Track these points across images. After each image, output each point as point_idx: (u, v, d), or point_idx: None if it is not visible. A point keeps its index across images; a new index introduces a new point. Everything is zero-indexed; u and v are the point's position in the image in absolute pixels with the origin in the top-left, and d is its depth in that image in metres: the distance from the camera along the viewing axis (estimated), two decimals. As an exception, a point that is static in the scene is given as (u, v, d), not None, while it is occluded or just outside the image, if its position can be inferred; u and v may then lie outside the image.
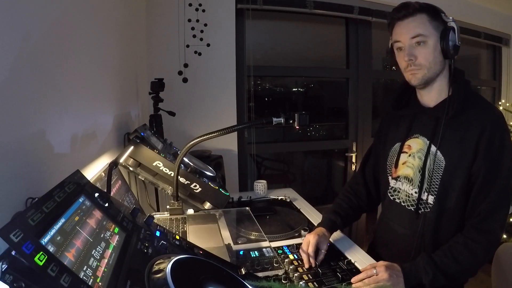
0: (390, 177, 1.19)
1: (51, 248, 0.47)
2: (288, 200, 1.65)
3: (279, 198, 1.68)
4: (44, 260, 0.44)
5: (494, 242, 0.99)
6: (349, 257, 1.08)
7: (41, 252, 0.45)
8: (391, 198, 1.18)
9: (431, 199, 1.05)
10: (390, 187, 1.19)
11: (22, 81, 0.66)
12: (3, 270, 0.40)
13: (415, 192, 1.09)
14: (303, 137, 2.97)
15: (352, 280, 0.93)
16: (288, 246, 1.14)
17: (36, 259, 0.43)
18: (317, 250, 1.05)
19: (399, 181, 1.15)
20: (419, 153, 1.09)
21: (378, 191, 1.30)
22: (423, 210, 1.07)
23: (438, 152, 1.04)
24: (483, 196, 0.98)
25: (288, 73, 2.78)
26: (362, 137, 2.78)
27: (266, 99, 2.87)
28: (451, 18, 1.01)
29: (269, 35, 2.67)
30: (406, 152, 1.13)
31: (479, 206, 0.98)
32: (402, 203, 1.13)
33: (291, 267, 0.98)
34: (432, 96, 1.09)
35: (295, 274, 0.94)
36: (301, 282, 0.92)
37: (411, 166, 1.11)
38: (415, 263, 0.97)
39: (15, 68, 0.63)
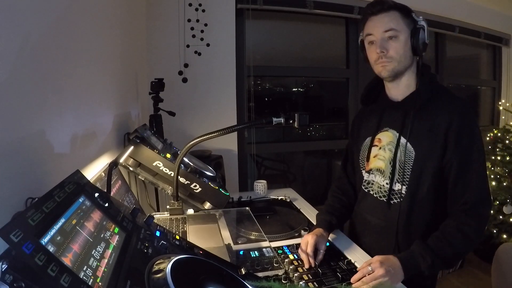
0: (363, 171, 1.22)
1: (51, 248, 0.47)
2: (288, 200, 1.65)
3: (279, 198, 1.68)
4: (44, 260, 0.44)
5: (484, 223, 1.03)
6: (349, 257, 1.07)
7: (41, 252, 0.45)
8: (365, 190, 1.20)
9: (403, 189, 1.08)
10: (364, 180, 1.21)
11: (22, 81, 0.66)
12: (3, 270, 0.40)
13: (387, 183, 1.12)
14: (303, 137, 2.97)
15: (351, 280, 0.93)
16: (288, 246, 1.14)
17: (36, 259, 0.43)
18: (316, 251, 1.05)
19: (372, 173, 1.18)
20: (389, 146, 1.12)
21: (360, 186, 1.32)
22: (394, 201, 1.10)
23: (408, 144, 1.07)
24: (462, 186, 1.01)
25: (288, 73, 2.79)
26: (362, 137, 2.78)
27: (266, 99, 2.87)
28: (421, 17, 1.07)
29: (269, 35, 2.67)
30: (377, 146, 1.17)
31: (463, 195, 1.01)
32: (375, 195, 1.16)
33: (291, 267, 0.98)
34: (400, 90, 1.13)
35: (295, 274, 0.94)
36: (301, 282, 0.92)
37: (382, 158, 1.14)
38: (410, 252, 0.98)
39: (15, 68, 0.63)
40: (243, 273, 0.79)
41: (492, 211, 2.65)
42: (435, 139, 1.04)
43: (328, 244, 1.14)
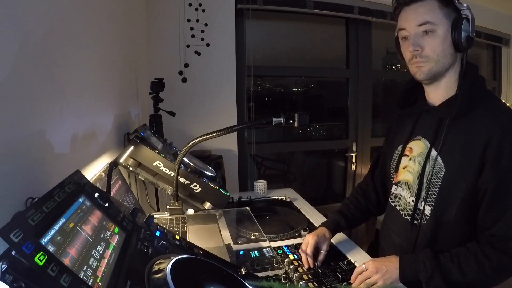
0: (392, 182, 1.11)
1: (51, 248, 0.47)
2: (288, 200, 1.65)
3: (279, 198, 1.68)
4: (44, 260, 0.44)
5: (507, 265, 0.85)
6: (349, 257, 1.08)
7: (41, 252, 0.45)
8: (392, 205, 1.10)
9: (427, 210, 0.95)
10: (391, 193, 1.11)
11: (22, 81, 0.66)
12: (3, 270, 0.40)
13: (412, 201, 1.00)
14: (303, 137, 2.97)
15: (351, 280, 0.94)
16: (288, 246, 1.14)
17: (36, 259, 0.43)
18: (317, 250, 1.05)
19: (400, 186, 1.06)
20: (419, 157, 0.99)
21: (386, 196, 1.21)
22: (419, 221, 0.98)
23: (438, 158, 0.93)
24: (496, 214, 0.86)
25: (288, 73, 2.79)
26: (362, 137, 2.78)
27: (266, 99, 2.87)
28: (465, 5, 0.89)
29: (269, 35, 2.67)
30: (407, 156, 1.04)
31: (494, 225, 0.86)
32: (401, 211, 1.05)
33: (291, 267, 0.98)
34: (439, 94, 0.97)
35: (295, 274, 0.94)
36: (301, 282, 0.92)
37: (411, 171, 1.01)
38: (415, 256, 0.91)
39: (15, 68, 0.63)
40: (243, 273, 0.79)
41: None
42: (470, 155, 0.87)
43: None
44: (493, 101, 0.93)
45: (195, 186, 1.23)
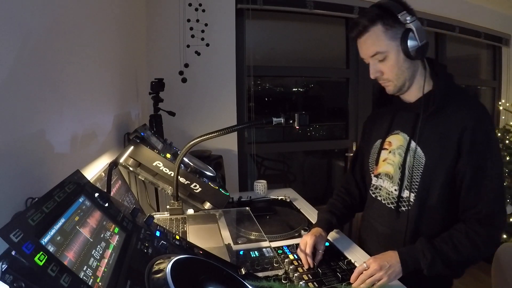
0: (372, 175, 1.18)
1: (51, 248, 0.47)
2: (288, 200, 1.65)
3: (279, 198, 1.68)
4: (44, 260, 0.44)
5: (496, 237, 0.98)
6: (349, 257, 1.07)
7: (41, 252, 0.45)
8: (373, 196, 1.17)
9: (412, 197, 1.03)
10: (372, 185, 1.18)
11: (22, 81, 0.66)
12: (3, 270, 0.40)
13: (395, 190, 1.07)
14: (303, 137, 2.97)
15: (351, 280, 0.94)
16: (288, 246, 1.14)
17: (36, 259, 0.43)
18: (314, 251, 1.05)
19: (380, 178, 1.14)
20: (399, 150, 1.08)
21: (367, 190, 1.27)
22: (403, 208, 1.06)
23: (418, 149, 1.02)
24: (477, 193, 0.95)
25: (288, 73, 2.79)
26: (362, 137, 2.78)
27: (266, 99, 2.87)
28: (408, 18, 0.93)
29: (269, 35, 2.67)
30: (387, 149, 1.12)
31: (477, 204, 0.95)
32: (383, 201, 1.12)
33: (291, 267, 0.98)
34: (412, 94, 1.07)
35: (295, 274, 0.94)
36: (301, 282, 0.92)
37: (391, 163, 1.10)
38: (412, 247, 0.96)
39: (15, 68, 0.63)
40: (243, 273, 0.79)
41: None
42: (448, 144, 0.97)
43: (328, 244, 1.14)
44: (465, 96, 1.03)
45: (195, 186, 1.23)
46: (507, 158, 2.75)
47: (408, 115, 1.08)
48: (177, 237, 0.79)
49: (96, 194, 0.70)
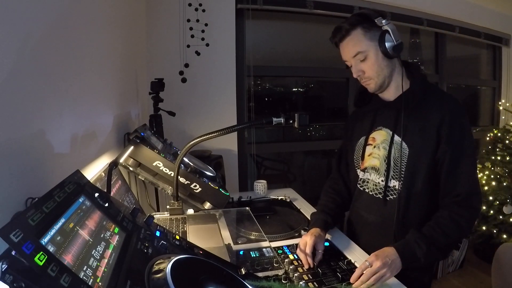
0: (358, 170, 1.24)
1: (51, 248, 0.47)
2: (288, 200, 1.65)
3: (279, 198, 1.68)
4: (44, 260, 0.44)
5: (475, 216, 1.07)
6: (349, 257, 1.07)
7: (41, 252, 0.45)
8: (361, 188, 1.22)
9: (398, 185, 1.11)
10: (359, 179, 1.23)
11: (22, 81, 0.66)
12: (3, 270, 0.40)
13: (382, 181, 1.15)
14: (303, 137, 2.97)
15: (351, 279, 0.93)
16: (288, 246, 1.14)
17: (36, 259, 0.43)
18: (314, 251, 1.05)
19: (367, 172, 1.20)
20: (384, 144, 1.15)
21: (355, 185, 1.32)
22: (390, 197, 1.13)
23: (402, 142, 1.10)
24: (455, 178, 1.05)
25: (288, 73, 2.79)
26: (362, 137, 2.78)
27: (266, 99, 2.87)
28: (384, 21, 1.05)
29: (269, 35, 2.67)
30: (371, 144, 1.19)
31: (455, 188, 1.05)
32: (370, 192, 1.19)
33: (291, 267, 0.98)
34: (391, 92, 1.16)
35: (295, 274, 0.94)
36: (301, 282, 0.92)
37: (376, 156, 1.17)
38: (406, 240, 1.01)
39: (15, 68, 0.63)
40: (243, 273, 0.79)
41: (492, 211, 2.65)
42: (428, 135, 1.07)
43: (327, 244, 1.14)
44: (440, 92, 1.16)
45: (195, 186, 1.23)
46: (507, 158, 2.75)
47: (389, 112, 1.17)
48: (177, 237, 0.79)
49: (96, 194, 0.70)
